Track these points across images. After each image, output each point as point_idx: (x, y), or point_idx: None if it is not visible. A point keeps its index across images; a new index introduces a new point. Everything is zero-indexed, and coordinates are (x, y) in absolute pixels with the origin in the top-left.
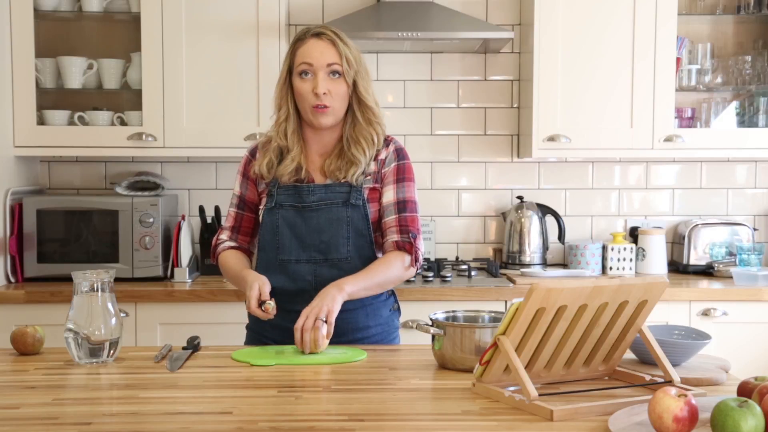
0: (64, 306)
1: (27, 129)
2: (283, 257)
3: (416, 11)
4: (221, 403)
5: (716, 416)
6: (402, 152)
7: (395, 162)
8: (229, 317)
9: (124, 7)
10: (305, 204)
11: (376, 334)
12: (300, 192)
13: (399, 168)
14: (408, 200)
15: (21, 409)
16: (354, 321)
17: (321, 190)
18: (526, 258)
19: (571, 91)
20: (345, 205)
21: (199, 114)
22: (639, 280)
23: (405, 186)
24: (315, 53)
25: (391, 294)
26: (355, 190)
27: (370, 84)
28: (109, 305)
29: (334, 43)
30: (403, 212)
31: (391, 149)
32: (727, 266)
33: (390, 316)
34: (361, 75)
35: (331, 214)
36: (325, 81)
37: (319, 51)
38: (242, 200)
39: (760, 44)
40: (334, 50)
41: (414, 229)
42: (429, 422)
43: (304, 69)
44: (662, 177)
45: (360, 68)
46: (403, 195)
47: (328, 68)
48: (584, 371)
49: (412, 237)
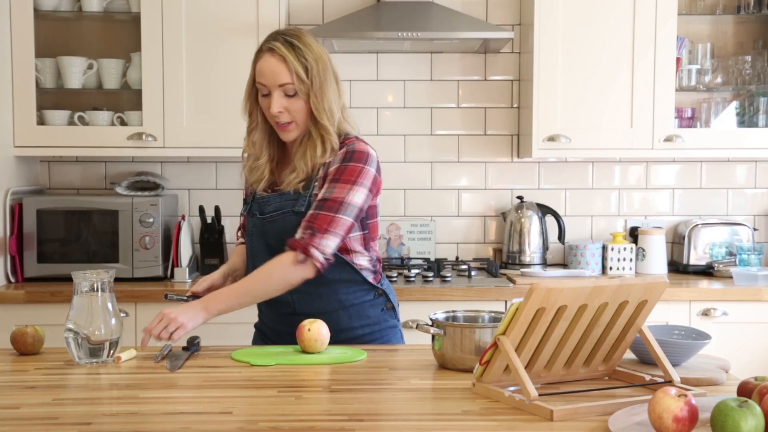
0: (64, 306)
1: (27, 129)
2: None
3: (416, 11)
4: (221, 403)
5: (716, 416)
6: (352, 154)
7: (338, 164)
8: (230, 317)
9: (124, 7)
10: (264, 215)
11: (364, 335)
12: (260, 202)
13: (338, 169)
14: (331, 199)
15: (21, 409)
16: (336, 322)
17: (276, 200)
18: (526, 258)
19: (571, 91)
20: (293, 214)
21: (199, 114)
22: (639, 280)
23: (336, 187)
24: (267, 73)
25: (381, 294)
26: (302, 197)
27: (326, 93)
28: (109, 305)
29: (285, 60)
30: (319, 209)
31: (341, 152)
32: (727, 266)
33: (381, 315)
34: (314, 89)
35: (285, 223)
36: (280, 100)
37: (271, 71)
38: (246, 201)
39: (760, 44)
40: (284, 68)
41: (318, 227)
42: (429, 422)
43: (262, 89)
44: (662, 177)
45: (315, 80)
46: (330, 194)
47: (280, 88)
48: (584, 371)
49: (310, 233)
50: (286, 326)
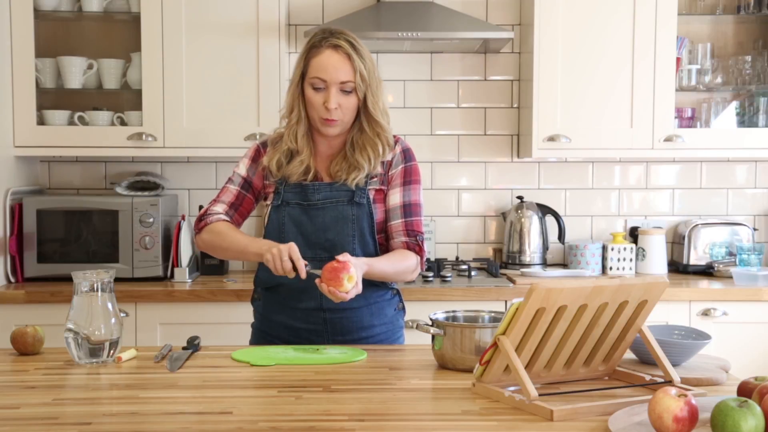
0: (64, 306)
1: (27, 129)
2: None
3: (416, 11)
4: (221, 403)
5: (716, 416)
6: (409, 153)
7: (402, 164)
8: (229, 317)
9: (124, 7)
10: (311, 202)
11: (380, 333)
12: (306, 190)
13: (406, 170)
14: (413, 203)
15: (21, 409)
16: (358, 320)
17: (326, 189)
18: (526, 258)
19: (571, 91)
20: (350, 204)
21: (199, 114)
22: (639, 280)
23: (411, 189)
24: (330, 69)
25: (396, 293)
26: (360, 189)
27: (380, 94)
28: (109, 305)
29: (350, 58)
30: (409, 216)
31: (398, 150)
32: (727, 266)
33: (395, 315)
34: (372, 89)
35: (337, 212)
36: (337, 96)
37: (334, 67)
38: (247, 182)
39: (760, 44)
40: (348, 66)
41: (420, 232)
42: (429, 422)
43: (317, 83)
44: (662, 177)
45: (372, 80)
46: (409, 198)
47: (340, 84)
48: (584, 371)
49: (420, 240)
50: (306, 323)
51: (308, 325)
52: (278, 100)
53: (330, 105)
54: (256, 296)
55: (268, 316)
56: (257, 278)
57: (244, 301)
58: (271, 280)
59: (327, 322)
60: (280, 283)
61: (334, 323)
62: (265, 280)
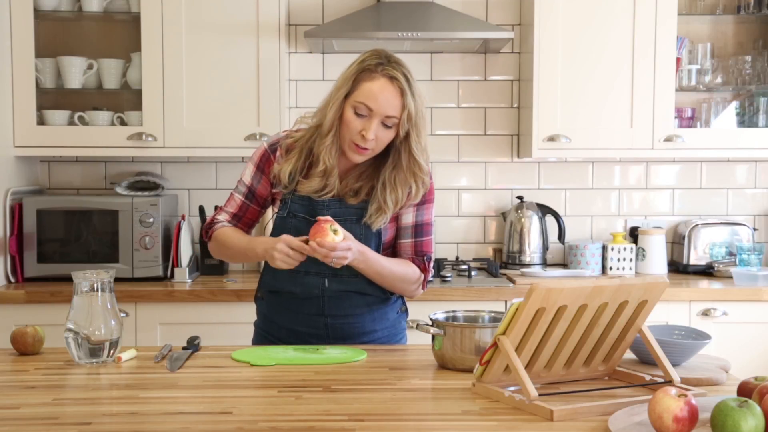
0: (64, 306)
1: (27, 129)
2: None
3: (416, 11)
4: (221, 403)
5: (716, 416)
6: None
7: None
8: (229, 317)
9: (124, 7)
10: None
11: (382, 337)
12: (315, 205)
13: None
14: (425, 223)
15: (21, 409)
16: (360, 326)
17: (336, 205)
18: (526, 258)
19: (570, 91)
20: (358, 223)
21: (199, 114)
22: (639, 280)
23: (425, 209)
24: (380, 100)
25: (399, 296)
26: None
27: (424, 136)
28: (109, 305)
29: (403, 94)
30: (420, 236)
31: None
32: (727, 266)
33: (397, 318)
34: (416, 129)
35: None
36: (378, 128)
37: (386, 99)
38: (251, 192)
39: (760, 44)
40: (399, 101)
41: (429, 252)
42: (429, 422)
43: (362, 109)
44: (662, 177)
45: (418, 120)
46: (422, 218)
47: (385, 118)
48: (584, 371)
49: (427, 260)
50: (307, 327)
51: (310, 329)
52: (278, 100)
53: (368, 136)
54: (259, 295)
55: (270, 317)
56: (262, 280)
57: (244, 301)
58: (276, 285)
59: (328, 327)
60: (283, 289)
61: (335, 328)
62: (269, 283)
